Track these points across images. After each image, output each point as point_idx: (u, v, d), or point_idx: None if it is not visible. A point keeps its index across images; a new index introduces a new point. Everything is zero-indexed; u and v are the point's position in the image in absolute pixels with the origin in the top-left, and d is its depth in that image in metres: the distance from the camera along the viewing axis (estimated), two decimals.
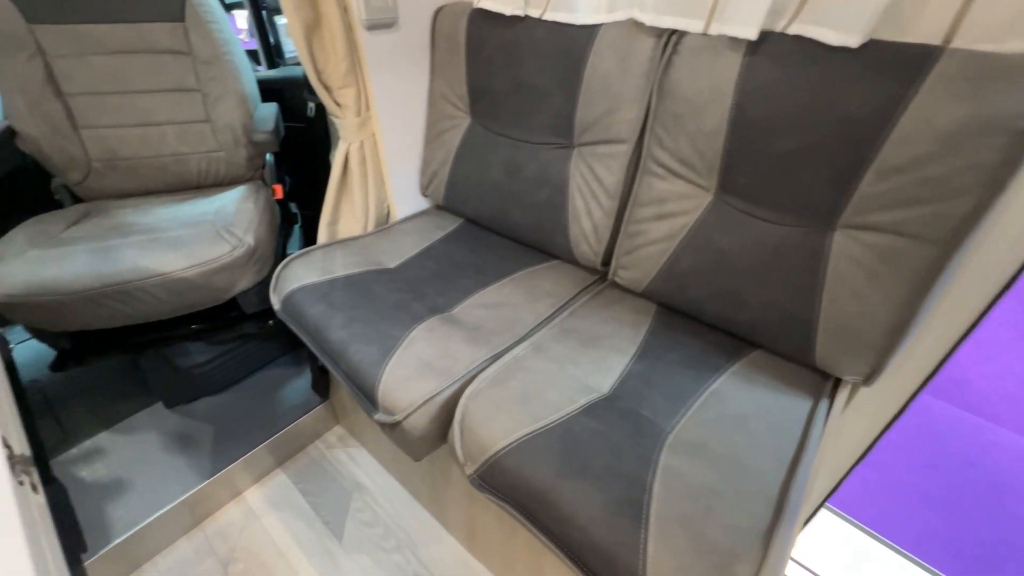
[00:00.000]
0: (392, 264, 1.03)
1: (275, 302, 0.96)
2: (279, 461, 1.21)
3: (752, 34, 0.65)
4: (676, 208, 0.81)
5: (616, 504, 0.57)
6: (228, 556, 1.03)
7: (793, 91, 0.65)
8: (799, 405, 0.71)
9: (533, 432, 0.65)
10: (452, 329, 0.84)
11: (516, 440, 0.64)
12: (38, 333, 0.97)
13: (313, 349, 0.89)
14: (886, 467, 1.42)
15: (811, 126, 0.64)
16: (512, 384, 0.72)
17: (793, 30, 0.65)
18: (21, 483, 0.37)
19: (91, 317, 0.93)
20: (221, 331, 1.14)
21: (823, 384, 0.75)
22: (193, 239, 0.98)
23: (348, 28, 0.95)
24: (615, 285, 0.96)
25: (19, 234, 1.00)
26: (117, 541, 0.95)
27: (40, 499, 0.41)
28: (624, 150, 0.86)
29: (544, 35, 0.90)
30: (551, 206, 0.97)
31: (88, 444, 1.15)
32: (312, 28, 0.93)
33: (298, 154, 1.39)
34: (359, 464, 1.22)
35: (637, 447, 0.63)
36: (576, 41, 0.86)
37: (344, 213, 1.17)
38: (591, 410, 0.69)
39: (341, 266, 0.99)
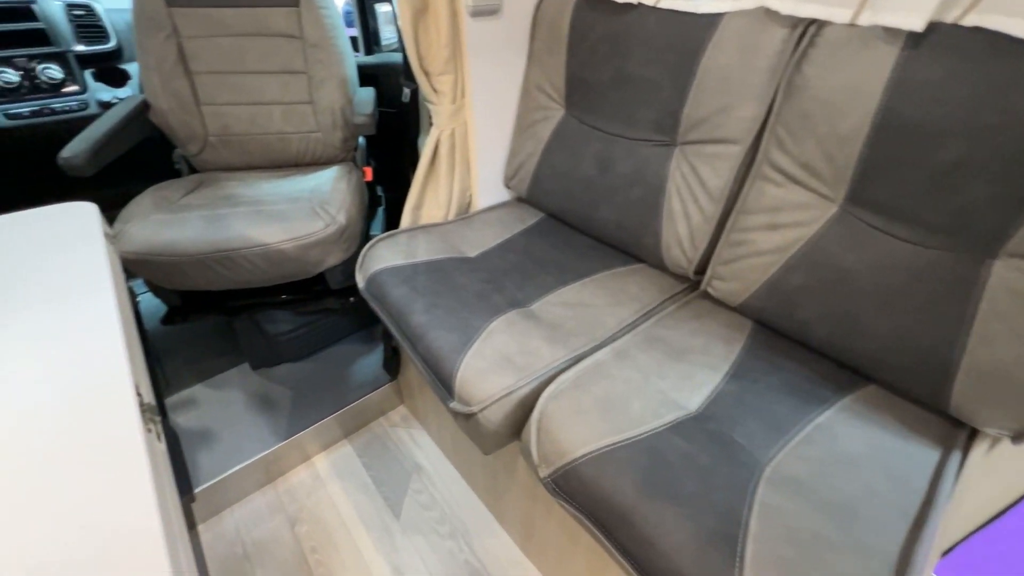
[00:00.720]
0: (472, 253, 1.02)
1: (360, 280, 0.99)
2: (346, 433, 1.26)
3: (918, 25, 0.57)
4: (791, 219, 0.74)
5: (707, 535, 0.52)
6: (295, 516, 1.09)
7: (965, 92, 0.55)
8: (924, 454, 0.62)
9: (616, 444, 0.61)
10: (531, 325, 0.82)
11: (598, 450, 0.61)
12: (155, 289, 1.07)
13: (392, 330, 0.90)
14: (1000, 534, 1.23)
15: (984, 134, 0.55)
16: (594, 390, 0.69)
17: (970, 21, 0.55)
18: (149, 431, 0.40)
19: (199, 278, 1.00)
20: (307, 303, 1.20)
21: (956, 433, 0.65)
22: (292, 214, 1.04)
23: (454, 15, 0.95)
24: (707, 296, 0.90)
25: (145, 198, 1.10)
26: (204, 486, 1.03)
27: (163, 447, 0.44)
28: (736, 151, 0.79)
29: (657, 24, 0.85)
30: (644, 206, 0.92)
31: (184, 394, 1.26)
32: (420, 13, 0.94)
33: (386, 138, 1.43)
34: (420, 446, 1.24)
35: (730, 476, 0.58)
36: (693, 31, 0.80)
37: (428, 199, 1.18)
38: (679, 428, 0.64)
39: (424, 251, 1.00)
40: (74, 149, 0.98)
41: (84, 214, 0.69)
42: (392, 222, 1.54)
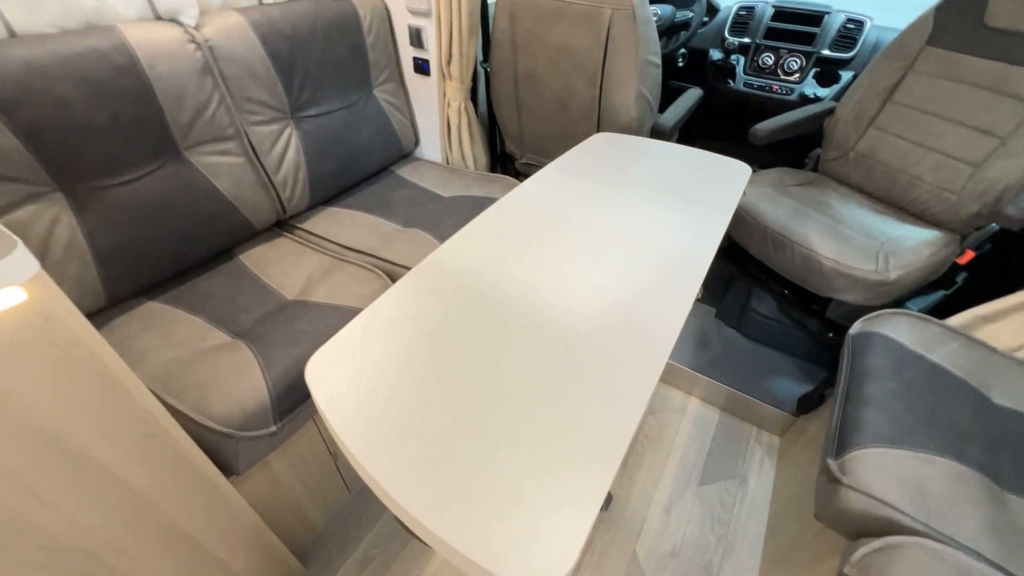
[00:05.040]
0: (1000, 401, 0.87)
1: (856, 327, 1.04)
2: (724, 408, 1.47)
3: None
4: None
5: None
6: (655, 409, 1.47)
7: None
8: None
9: None
10: (990, 501, 0.71)
11: None
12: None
13: (841, 380, 0.96)
14: None
15: None
16: None
17: None
18: (698, 299, 0.74)
19: (752, 241, 1.32)
20: (796, 310, 1.36)
21: None
22: (856, 243, 1.15)
23: None
24: None
25: (771, 173, 1.46)
26: None
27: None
28: None
29: None
30: None
31: None
32: None
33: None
34: (760, 473, 1.32)
35: None
36: None
37: (1010, 320, 1.00)
38: None
39: (942, 356, 0.93)
40: (762, 127, 1.39)
41: (742, 170, 1.08)
42: (935, 313, 1.36)
